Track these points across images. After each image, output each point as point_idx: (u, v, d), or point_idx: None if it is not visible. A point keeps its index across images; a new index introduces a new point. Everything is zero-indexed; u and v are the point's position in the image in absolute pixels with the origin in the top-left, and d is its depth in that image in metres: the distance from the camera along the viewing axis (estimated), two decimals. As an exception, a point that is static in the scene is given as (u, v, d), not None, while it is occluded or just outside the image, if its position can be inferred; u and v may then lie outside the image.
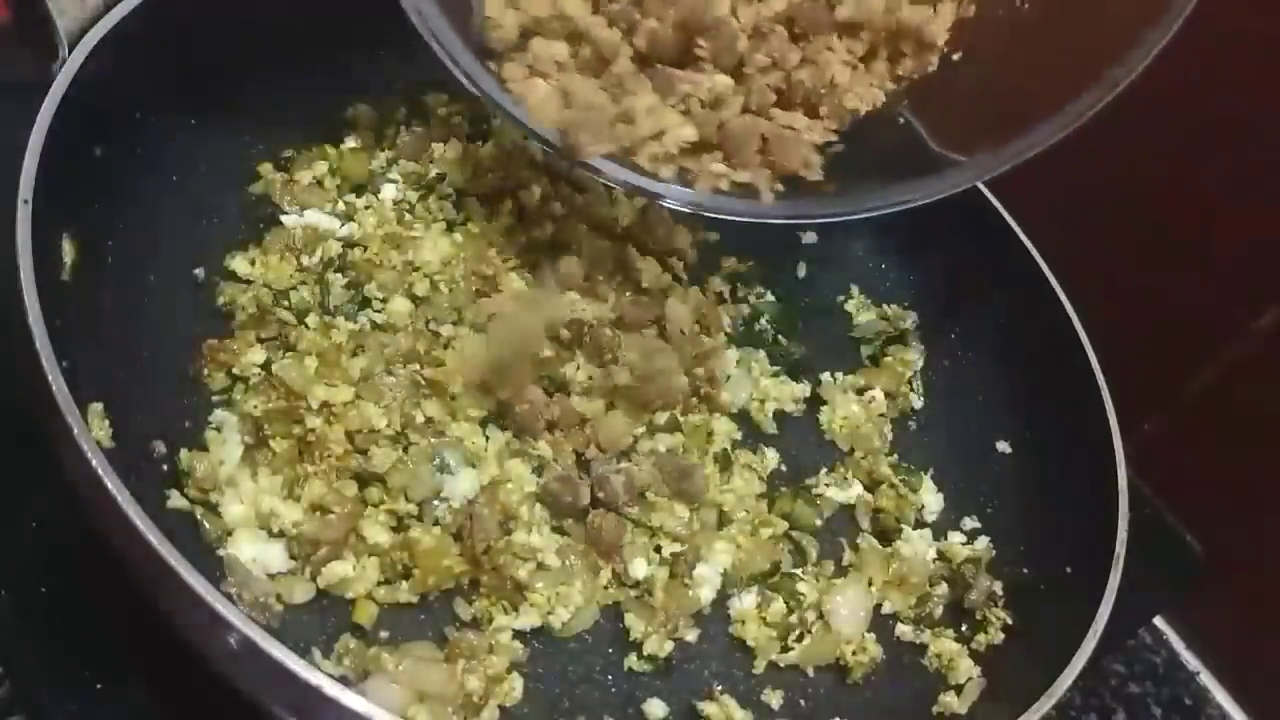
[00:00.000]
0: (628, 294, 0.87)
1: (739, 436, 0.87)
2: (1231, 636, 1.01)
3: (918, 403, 0.97)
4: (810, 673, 0.77)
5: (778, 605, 0.78)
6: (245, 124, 0.86)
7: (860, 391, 0.94)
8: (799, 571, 0.81)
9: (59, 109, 0.67)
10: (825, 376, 0.94)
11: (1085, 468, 0.84)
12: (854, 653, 0.78)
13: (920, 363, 0.98)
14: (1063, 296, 0.92)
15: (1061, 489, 0.87)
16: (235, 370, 0.75)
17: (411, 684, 0.64)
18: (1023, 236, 0.96)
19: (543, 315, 0.80)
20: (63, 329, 0.60)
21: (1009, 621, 0.81)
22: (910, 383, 0.97)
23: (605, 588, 0.75)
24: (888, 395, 0.95)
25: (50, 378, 0.56)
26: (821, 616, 0.79)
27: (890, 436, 0.93)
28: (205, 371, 0.74)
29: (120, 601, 0.59)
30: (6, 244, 0.60)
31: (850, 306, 1.01)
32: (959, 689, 0.77)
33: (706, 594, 0.78)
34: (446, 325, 0.81)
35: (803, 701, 0.76)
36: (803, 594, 0.79)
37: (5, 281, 0.59)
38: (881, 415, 0.93)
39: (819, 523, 0.84)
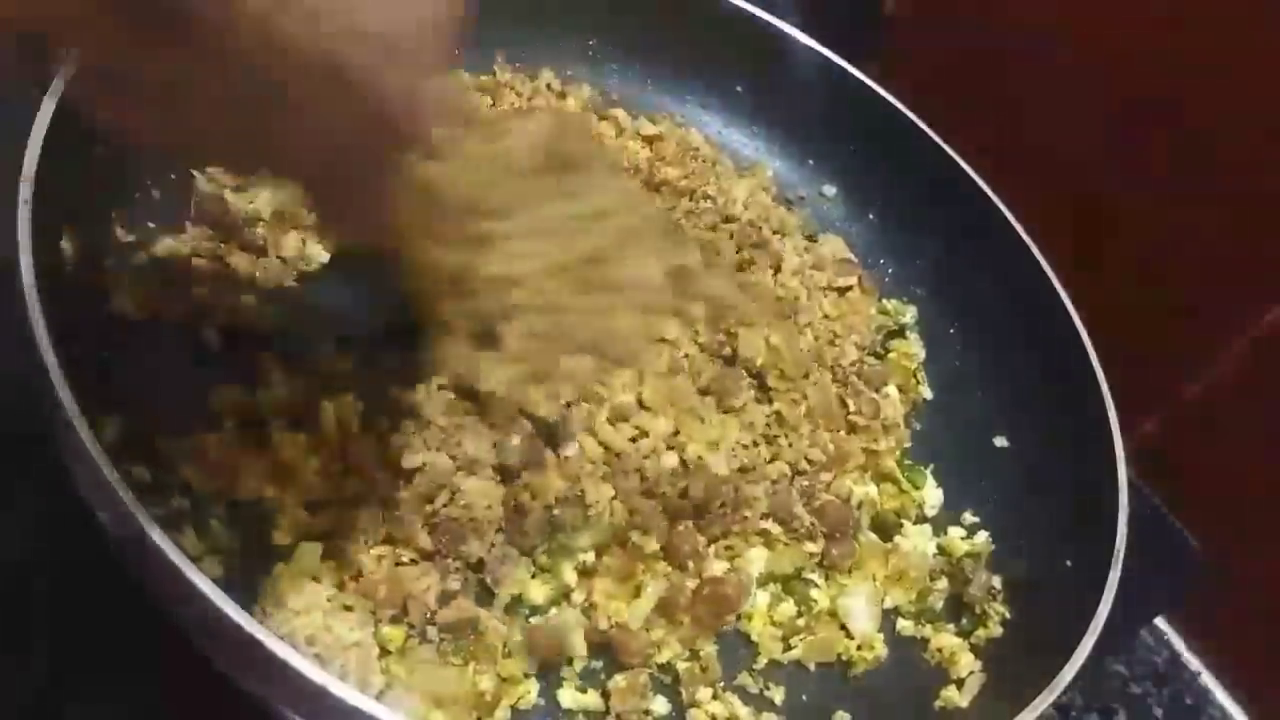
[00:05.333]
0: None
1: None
2: (1233, 637, 1.01)
3: (928, 393, 0.97)
4: (812, 668, 0.77)
5: (787, 606, 0.78)
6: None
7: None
8: (814, 577, 0.80)
9: (59, 109, 0.66)
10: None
11: (1086, 464, 0.84)
12: (859, 647, 0.77)
13: (922, 355, 0.99)
14: (1063, 295, 0.92)
15: (1062, 486, 0.87)
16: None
17: (427, 689, 0.64)
18: (1023, 235, 0.96)
19: None
20: (64, 330, 0.59)
21: (1008, 616, 0.81)
22: (916, 374, 0.97)
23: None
24: (900, 390, 0.95)
25: (53, 378, 0.56)
26: (834, 615, 0.78)
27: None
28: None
29: (125, 604, 0.58)
30: (6, 245, 0.60)
31: (850, 303, 1.01)
32: (960, 683, 0.78)
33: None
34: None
35: (805, 697, 0.76)
36: (814, 599, 0.79)
37: (5, 284, 0.59)
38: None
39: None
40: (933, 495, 0.89)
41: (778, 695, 0.75)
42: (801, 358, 0.88)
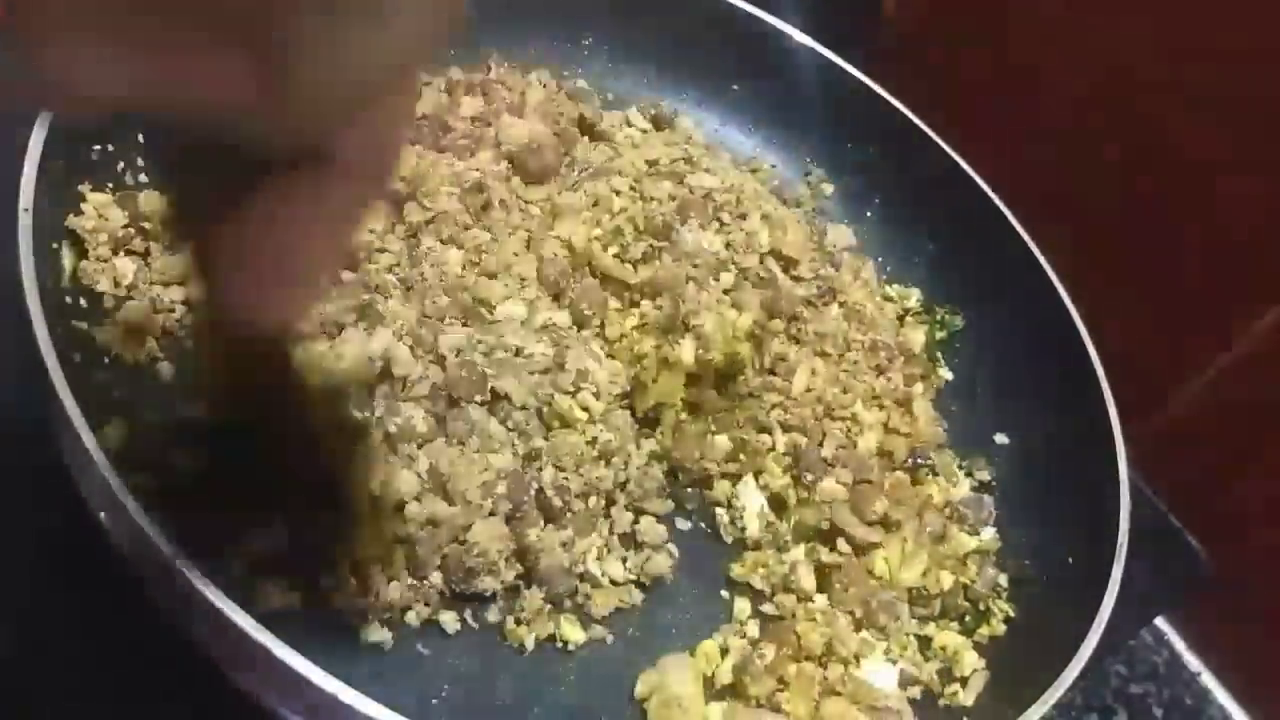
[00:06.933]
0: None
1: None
2: (1233, 637, 1.01)
3: (948, 374, 0.97)
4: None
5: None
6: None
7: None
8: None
9: (56, 116, 0.66)
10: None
11: (1086, 463, 0.84)
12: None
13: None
14: (1064, 294, 0.92)
15: (1062, 484, 0.87)
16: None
17: None
18: (1023, 234, 0.96)
19: None
20: (66, 336, 0.59)
21: (1010, 614, 0.81)
22: (933, 359, 0.97)
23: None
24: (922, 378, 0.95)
25: (57, 387, 0.56)
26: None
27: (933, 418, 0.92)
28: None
29: (134, 615, 0.58)
30: (7, 253, 0.60)
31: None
32: (964, 681, 0.77)
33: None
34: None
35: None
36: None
37: (6, 290, 0.59)
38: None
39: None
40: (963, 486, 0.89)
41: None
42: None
